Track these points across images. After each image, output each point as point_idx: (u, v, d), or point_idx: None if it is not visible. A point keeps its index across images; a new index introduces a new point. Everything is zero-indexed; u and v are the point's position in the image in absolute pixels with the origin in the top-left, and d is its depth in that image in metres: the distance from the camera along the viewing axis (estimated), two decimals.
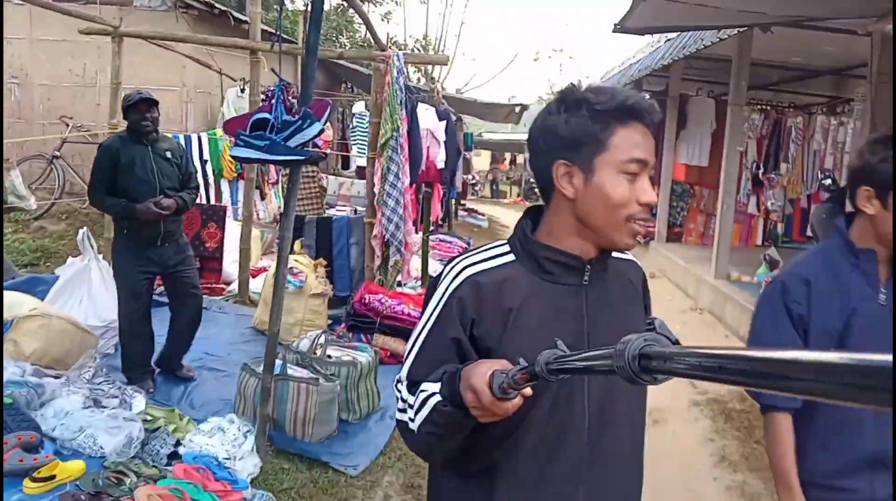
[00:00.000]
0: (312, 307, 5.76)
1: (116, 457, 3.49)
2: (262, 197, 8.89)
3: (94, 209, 8.66)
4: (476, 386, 1.09)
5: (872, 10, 4.08)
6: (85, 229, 5.19)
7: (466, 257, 1.37)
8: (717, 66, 9.22)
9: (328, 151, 8.74)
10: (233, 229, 7.27)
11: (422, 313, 1.39)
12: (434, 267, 8.86)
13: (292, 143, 3.22)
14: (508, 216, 19.82)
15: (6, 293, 4.36)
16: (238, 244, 6.74)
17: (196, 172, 4.73)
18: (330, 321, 5.94)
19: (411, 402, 1.28)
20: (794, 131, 6.99)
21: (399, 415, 1.33)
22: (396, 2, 25.79)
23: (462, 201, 17.51)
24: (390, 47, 5.82)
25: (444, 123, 7.55)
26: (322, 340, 4.66)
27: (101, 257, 5.30)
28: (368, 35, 8.77)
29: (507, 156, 29.12)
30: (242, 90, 8.87)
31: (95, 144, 8.44)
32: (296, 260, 5.84)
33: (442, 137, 7.27)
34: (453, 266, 1.36)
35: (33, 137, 9.21)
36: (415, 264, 8.26)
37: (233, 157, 3.26)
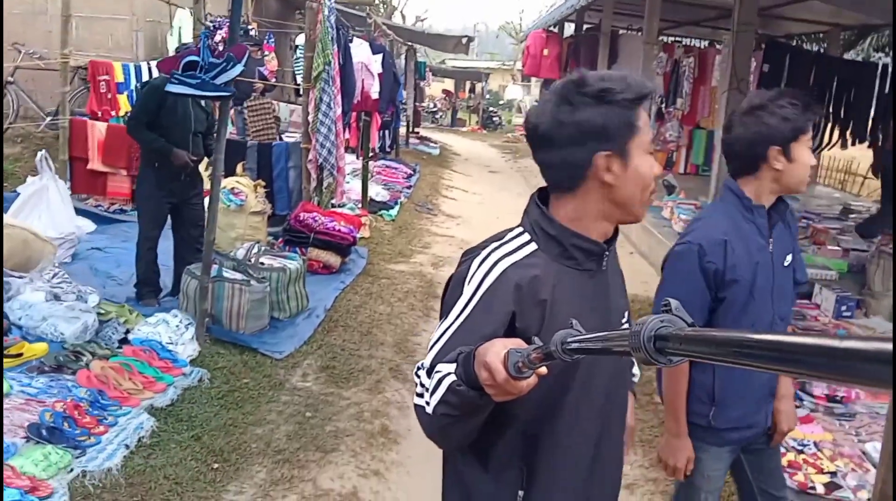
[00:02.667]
0: (252, 224, 6.40)
1: (74, 341, 4.18)
2: None
3: (47, 132, 9.13)
4: (491, 364, 1.08)
5: None
6: (43, 151, 5.73)
7: (492, 250, 1.37)
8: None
9: (274, 80, 9.20)
10: None
11: (444, 302, 1.40)
12: (375, 190, 9.53)
13: (218, 81, 3.82)
14: (462, 144, 20.30)
15: None
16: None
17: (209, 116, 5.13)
18: (270, 237, 6.59)
19: (428, 385, 1.28)
20: (688, 70, 7.68)
21: (416, 400, 1.32)
22: None
23: (415, 129, 17.92)
24: None
25: (381, 56, 8.07)
26: (256, 249, 5.34)
27: (57, 176, 5.85)
28: None
29: (467, 84, 29.43)
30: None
31: (48, 70, 8.83)
32: (237, 181, 6.44)
33: (377, 69, 7.81)
34: (483, 260, 1.35)
35: None
36: (356, 186, 8.93)
37: (168, 92, 3.86)
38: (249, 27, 9.71)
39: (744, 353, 0.64)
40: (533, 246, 1.36)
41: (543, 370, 1.07)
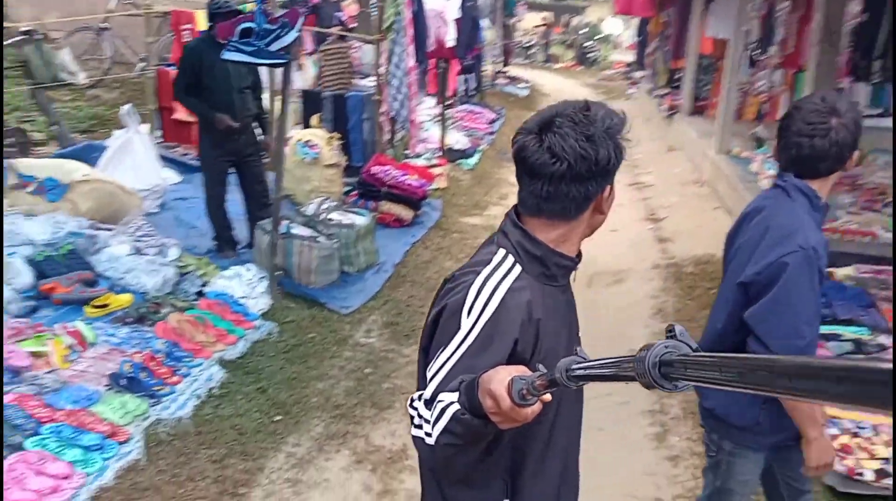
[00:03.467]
0: (327, 177, 6.54)
1: (155, 293, 4.46)
2: (299, 67, 9.48)
3: (141, 78, 9.50)
4: (496, 392, 1.09)
5: None
6: (129, 104, 5.98)
7: (486, 277, 1.37)
8: None
9: (354, 25, 9.22)
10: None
11: (439, 330, 1.39)
12: (455, 138, 9.50)
13: (273, 48, 3.89)
14: (554, 83, 19.56)
15: (64, 161, 5.26)
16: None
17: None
18: (347, 188, 6.72)
19: (427, 416, 1.27)
20: (784, 13, 7.14)
21: (414, 431, 1.31)
22: None
23: (503, 69, 17.40)
24: None
25: (457, 1, 7.94)
26: (326, 205, 5.49)
27: (141, 129, 6.13)
28: None
29: (562, 18, 28.49)
30: None
31: (140, 15, 9.11)
32: (312, 133, 6.58)
33: (452, 16, 7.69)
34: (480, 289, 1.35)
35: (76, 17, 9.89)
36: (434, 134, 8.93)
37: (225, 60, 3.98)
38: None
39: (747, 378, 0.64)
40: (518, 268, 1.37)
41: (548, 397, 1.08)
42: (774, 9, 7.31)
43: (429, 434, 1.25)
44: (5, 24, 7.84)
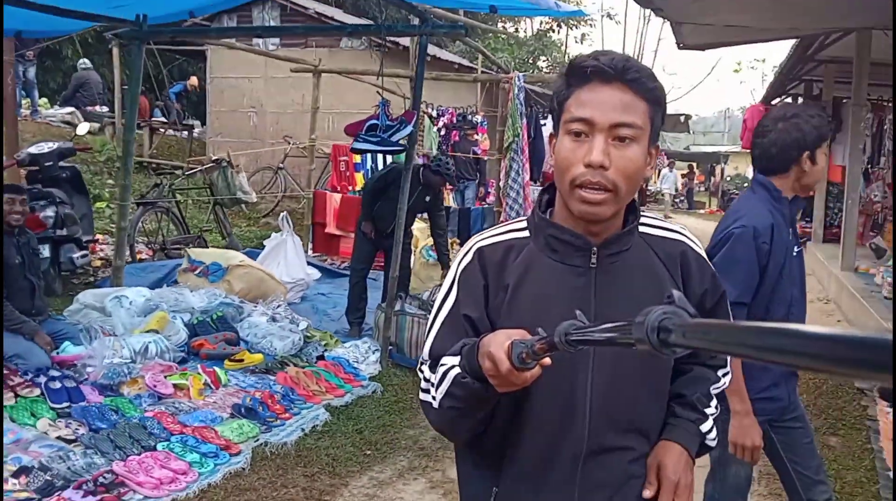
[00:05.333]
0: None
1: (283, 353, 5.16)
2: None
3: (305, 207, 10.88)
4: (494, 355, 1.07)
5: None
6: (284, 212, 7.06)
7: (481, 234, 1.38)
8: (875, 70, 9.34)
9: (486, 157, 10.21)
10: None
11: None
12: None
13: (394, 139, 4.70)
14: (697, 224, 19.78)
15: (226, 250, 6.30)
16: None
17: None
18: None
19: (433, 380, 1.27)
20: (891, 128, 7.12)
21: (422, 396, 1.32)
22: (591, 24, 26.93)
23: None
24: (513, 71, 7.12)
25: None
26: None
27: (294, 233, 7.18)
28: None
29: (709, 167, 28.82)
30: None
31: (315, 157, 10.63)
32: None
33: None
34: (467, 245, 1.36)
35: (264, 149, 11.70)
36: None
37: (353, 150, 4.84)
38: (473, 114, 10.85)
39: (746, 344, 0.64)
40: (525, 233, 1.34)
41: (547, 361, 1.05)
42: (883, 125, 7.39)
43: (434, 397, 1.26)
44: (200, 157, 9.50)
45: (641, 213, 1.35)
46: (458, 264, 1.35)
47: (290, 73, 11.15)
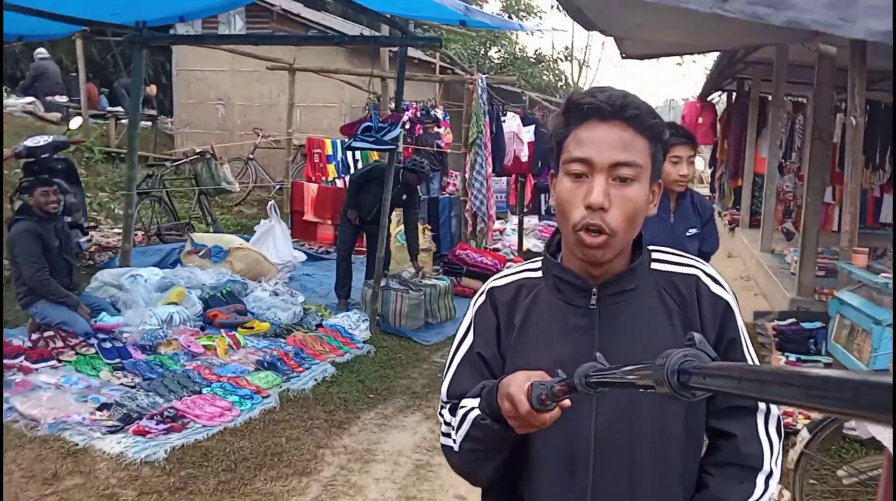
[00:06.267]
0: (421, 258, 8.08)
1: (287, 322, 5.99)
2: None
3: (276, 197, 11.60)
4: (514, 396, 1.07)
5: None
6: (272, 201, 7.85)
7: (498, 273, 1.40)
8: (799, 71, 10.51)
9: (449, 150, 11.11)
10: None
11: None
12: (532, 243, 10.98)
13: (386, 138, 5.58)
14: None
15: (225, 235, 7.07)
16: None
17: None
18: (436, 268, 8.23)
19: (454, 423, 1.27)
20: (800, 125, 8.35)
21: (443, 440, 1.31)
22: (541, 17, 28.10)
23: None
24: (477, 74, 8.05)
25: (532, 126, 9.66)
26: (419, 275, 6.99)
27: (282, 221, 7.97)
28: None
29: None
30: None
31: (278, 148, 11.35)
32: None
33: (528, 138, 9.39)
34: (484, 285, 1.38)
35: (234, 143, 12.35)
36: (515, 239, 10.45)
37: (351, 148, 5.69)
38: (435, 108, 11.74)
39: (767, 388, 0.63)
40: (538, 274, 1.33)
41: (567, 402, 1.05)
42: (794, 123, 8.61)
43: (455, 441, 1.26)
44: (182, 150, 10.14)
45: (653, 249, 1.34)
46: (474, 305, 1.38)
47: (256, 67, 11.81)
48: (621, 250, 1.24)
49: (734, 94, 13.47)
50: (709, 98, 14.45)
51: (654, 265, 1.32)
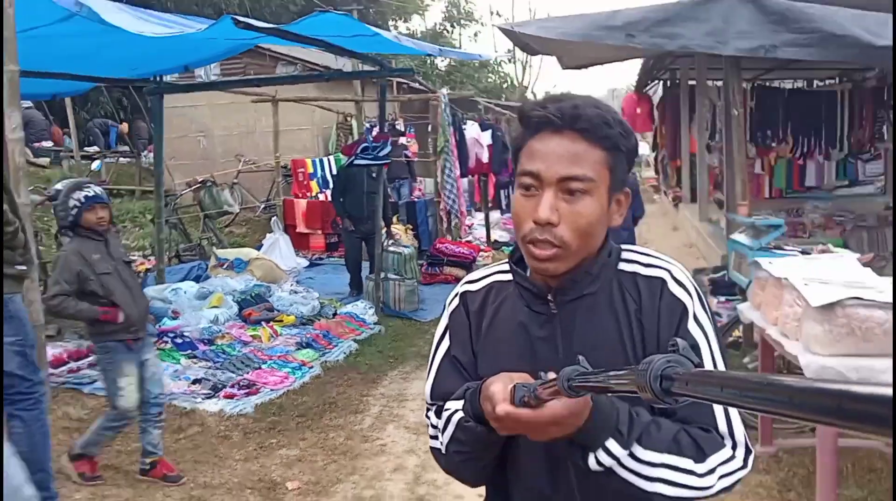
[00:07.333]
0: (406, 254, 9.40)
1: (308, 314, 7.26)
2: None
3: (261, 216, 12.77)
4: (494, 396, 1.08)
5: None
6: (274, 217, 9.10)
7: (470, 275, 1.42)
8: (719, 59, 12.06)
9: (416, 159, 12.46)
10: None
11: None
12: (499, 234, 12.38)
13: (381, 155, 6.91)
14: None
15: (243, 249, 8.30)
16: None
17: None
18: (420, 262, 9.56)
19: (439, 425, 1.29)
20: (717, 111, 9.92)
21: (431, 443, 1.34)
22: (482, 23, 29.66)
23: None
24: (439, 90, 9.39)
25: (489, 131, 11.06)
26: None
27: (284, 233, 9.21)
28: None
29: None
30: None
31: (262, 172, 12.53)
32: (395, 227, 9.55)
33: (486, 141, 10.79)
34: (456, 288, 1.41)
35: (218, 171, 13.49)
36: (483, 233, 11.83)
37: (356, 164, 7.01)
38: (396, 122, 13.08)
39: (750, 396, 0.62)
40: (509, 276, 1.33)
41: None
42: (716, 107, 10.16)
43: (441, 444, 1.28)
44: (186, 180, 11.26)
45: (626, 248, 1.32)
46: (449, 306, 1.39)
47: (232, 99, 12.92)
48: (581, 261, 1.22)
49: (668, 82, 15.06)
50: (645, 89, 16.04)
51: (621, 266, 1.29)
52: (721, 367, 1.25)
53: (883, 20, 5.14)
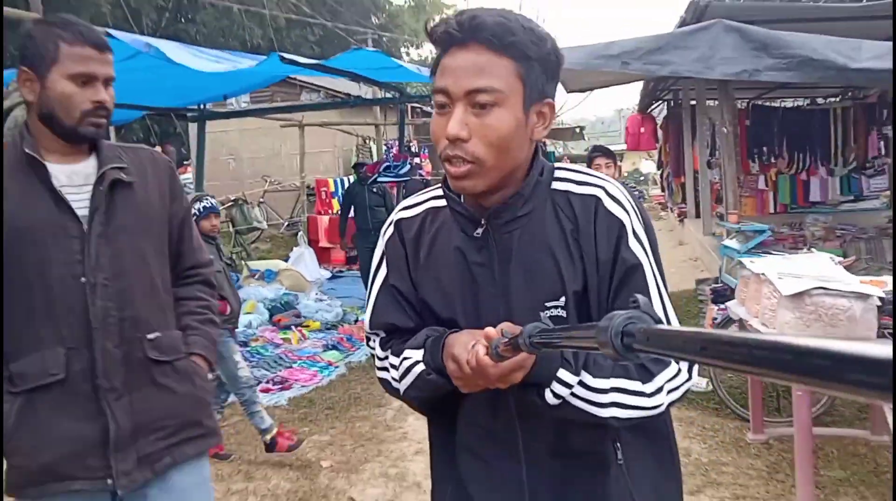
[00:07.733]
0: None
1: (333, 320, 7.84)
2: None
3: (285, 233, 13.41)
4: (458, 357, 1.09)
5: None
6: (301, 231, 9.73)
7: (404, 202, 1.38)
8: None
9: (430, 178, 13.06)
10: None
11: None
12: None
13: (401, 173, 7.53)
14: None
15: (273, 261, 8.92)
16: None
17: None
18: None
19: (395, 364, 1.30)
20: (716, 129, 10.40)
21: (380, 373, 1.36)
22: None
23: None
24: None
25: None
26: None
27: (308, 247, 9.84)
28: None
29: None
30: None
31: (286, 191, 13.20)
32: None
33: None
34: (391, 216, 1.38)
35: (246, 191, 14.19)
36: None
37: (379, 181, 7.63)
38: (411, 143, 13.71)
39: (711, 352, 0.60)
40: (443, 201, 1.30)
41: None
42: (715, 125, 10.68)
43: (396, 380, 1.30)
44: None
45: (559, 166, 1.28)
46: (384, 236, 1.37)
47: (259, 125, 13.62)
48: (502, 178, 1.18)
49: (671, 103, 15.62)
50: (649, 109, 16.58)
51: (554, 185, 1.25)
52: (662, 284, 1.25)
53: (855, 45, 5.68)
